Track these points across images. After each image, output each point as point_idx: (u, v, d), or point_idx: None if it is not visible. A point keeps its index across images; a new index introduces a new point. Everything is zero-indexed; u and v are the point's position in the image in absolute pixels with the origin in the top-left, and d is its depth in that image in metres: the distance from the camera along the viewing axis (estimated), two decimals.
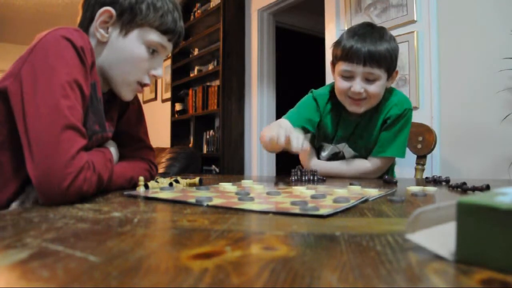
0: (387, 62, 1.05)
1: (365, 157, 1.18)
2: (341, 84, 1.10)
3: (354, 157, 1.20)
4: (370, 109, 1.13)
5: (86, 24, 0.76)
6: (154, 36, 0.76)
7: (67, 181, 0.54)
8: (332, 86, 1.19)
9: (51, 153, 0.54)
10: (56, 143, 0.55)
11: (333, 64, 1.14)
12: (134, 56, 0.75)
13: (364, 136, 1.17)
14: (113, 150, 0.80)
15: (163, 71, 0.82)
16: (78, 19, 0.78)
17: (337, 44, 1.11)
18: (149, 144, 0.94)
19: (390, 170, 1.25)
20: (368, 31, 1.06)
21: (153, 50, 0.77)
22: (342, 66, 1.08)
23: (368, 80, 1.06)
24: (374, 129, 1.16)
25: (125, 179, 0.76)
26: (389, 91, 1.16)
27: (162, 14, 0.75)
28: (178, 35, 0.80)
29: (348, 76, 1.08)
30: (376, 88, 1.07)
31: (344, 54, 1.06)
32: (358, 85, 1.06)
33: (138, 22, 0.74)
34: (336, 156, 1.23)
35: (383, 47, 1.04)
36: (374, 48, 1.03)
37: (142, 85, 0.80)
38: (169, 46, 0.80)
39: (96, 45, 0.75)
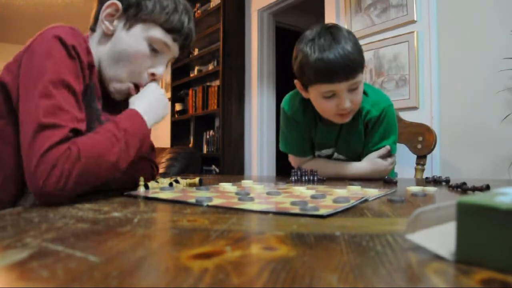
0: (362, 60, 0.98)
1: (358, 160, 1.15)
2: (327, 106, 1.02)
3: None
4: None
5: (97, 17, 0.76)
6: (158, 33, 0.75)
7: (41, 180, 0.53)
8: (300, 96, 1.12)
9: (27, 155, 0.55)
10: (30, 144, 0.56)
11: (305, 86, 1.04)
12: (134, 50, 0.74)
13: (350, 141, 1.14)
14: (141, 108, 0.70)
15: (164, 70, 0.80)
16: (93, 12, 0.78)
17: (302, 65, 0.99)
18: (151, 143, 0.94)
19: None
20: (329, 38, 0.95)
21: (154, 49, 0.76)
22: (322, 88, 0.98)
23: (352, 89, 0.99)
24: (359, 134, 1.13)
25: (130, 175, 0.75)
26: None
27: (168, 12, 0.74)
28: (185, 36, 0.78)
29: (331, 95, 1.00)
30: (359, 96, 1.02)
31: (321, 76, 0.96)
32: (347, 102, 0.99)
33: (142, 17, 0.74)
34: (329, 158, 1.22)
35: (352, 49, 0.94)
36: (348, 57, 0.93)
37: (136, 85, 0.77)
38: (174, 46, 0.78)
39: (102, 37, 0.76)
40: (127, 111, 0.69)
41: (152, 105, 0.73)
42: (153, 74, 0.78)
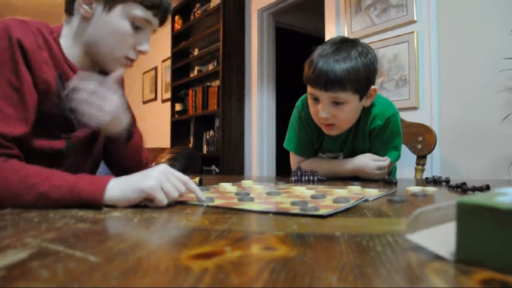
0: (353, 83, 0.97)
1: None
2: (312, 108, 1.07)
3: None
4: (353, 124, 1.10)
5: (71, 1, 0.77)
6: (138, 11, 0.75)
7: None
8: None
9: None
10: None
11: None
12: (118, 32, 0.75)
13: (355, 148, 1.15)
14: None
15: (149, 46, 0.80)
16: None
17: (307, 61, 1.04)
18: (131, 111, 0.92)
19: (392, 172, 1.26)
20: (334, 49, 0.98)
21: (137, 26, 0.76)
22: (308, 89, 1.04)
23: (337, 103, 1.00)
24: (364, 141, 1.14)
25: None
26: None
27: None
28: (164, 9, 0.79)
29: (316, 99, 1.03)
30: (344, 114, 1.02)
31: (307, 77, 1.01)
32: (323, 111, 1.01)
33: None
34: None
35: (346, 68, 0.95)
36: (334, 72, 0.95)
37: (130, 60, 0.79)
38: (155, 21, 0.79)
39: (81, 22, 0.76)
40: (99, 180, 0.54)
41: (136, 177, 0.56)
42: (140, 51, 0.79)
